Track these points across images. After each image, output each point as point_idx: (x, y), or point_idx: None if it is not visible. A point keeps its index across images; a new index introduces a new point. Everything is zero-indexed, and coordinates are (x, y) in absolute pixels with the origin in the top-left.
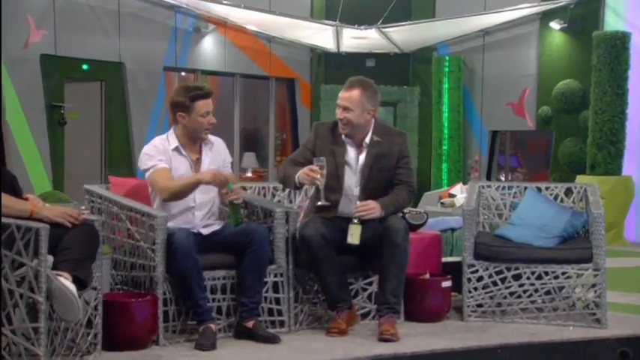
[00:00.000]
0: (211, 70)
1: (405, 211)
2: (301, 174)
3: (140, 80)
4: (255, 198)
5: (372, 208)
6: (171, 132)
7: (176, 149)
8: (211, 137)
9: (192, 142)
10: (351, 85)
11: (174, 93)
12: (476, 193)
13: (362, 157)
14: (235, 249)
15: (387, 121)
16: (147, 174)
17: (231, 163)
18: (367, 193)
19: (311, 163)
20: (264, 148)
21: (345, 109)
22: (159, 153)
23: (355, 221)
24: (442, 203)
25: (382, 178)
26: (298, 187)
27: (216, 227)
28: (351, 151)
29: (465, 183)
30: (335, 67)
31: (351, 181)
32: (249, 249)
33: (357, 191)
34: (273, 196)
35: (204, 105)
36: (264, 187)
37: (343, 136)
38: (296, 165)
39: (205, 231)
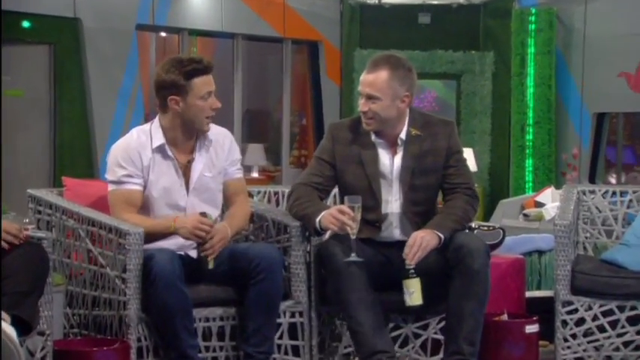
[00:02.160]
0: (202, 30)
1: (472, 225)
2: (326, 216)
3: (103, 44)
4: (264, 208)
5: (424, 241)
6: (155, 122)
7: (160, 149)
8: (212, 130)
9: (187, 137)
10: (375, 65)
11: (160, 69)
12: (573, 201)
13: (398, 159)
14: (237, 278)
15: (423, 110)
16: (109, 188)
17: (241, 163)
18: (411, 207)
19: (332, 182)
20: (275, 138)
21: (370, 97)
22: (131, 161)
23: (412, 273)
24: (525, 215)
25: (429, 184)
26: (320, 233)
27: None
28: (383, 155)
29: (557, 187)
30: (374, 24)
31: (388, 194)
32: (256, 278)
33: (396, 206)
34: None
35: (205, 83)
36: (275, 193)
37: (372, 136)
38: (313, 190)
39: (196, 253)
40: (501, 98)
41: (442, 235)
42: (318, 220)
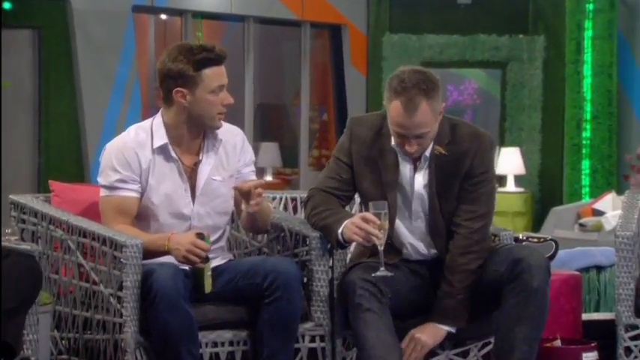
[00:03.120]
0: (209, 12)
1: (519, 237)
2: (349, 227)
3: (95, 28)
4: (279, 216)
5: (419, 344)
6: (158, 119)
7: (162, 149)
8: (223, 127)
9: (193, 135)
10: (411, 103)
11: (167, 57)
12: (638, 209)
13: (419, 178)
14: (248, 296)
15: (452, 118)
16: (100, 193)
17: (255, 165)
18: (434, 226)
19: (351, 186)
20: (292, 136)
21: (419, 136)
22: (127, 164)
23: None
24: (582, 225)
25: (450, 208)
26: (344, 245)
27: (218, 262)
28: (404, 165)
29: (619, 192)
30: (406, 5)
31: (405, 209)
32: (271, 297)
33: (419, 224)
34: None
35: (217, 75)
36: (293, 199)
37: (393, 142)
38: (330, 197)
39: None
40: (554, 90)
41: (449, 329)
42: (340, 231)
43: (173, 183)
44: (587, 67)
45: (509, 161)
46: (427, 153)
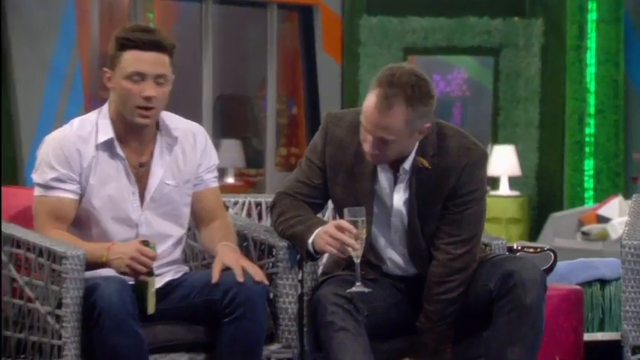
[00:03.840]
0: None
1: (513, 247)
2: (321, 236)
3: (30, 8)
4: (242, 223)
5: None
6: (104, 110)
7: (107, 145)
8: (178, 124)
9: (134, 130)
10: (386, 101)
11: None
12: None
13: (399, 191)
14: (206, 315)
15: (444, 125)
16: (35, 192)
17: (217, 169)
18: (414, 241)
19: (323, 193)
20: (257, 132)
21: (381, 140)
22: (66, 161)
23: None
24: (584, 233)
25: (432, 229)
26: (316, 257)
27: (171, 276)
28: (382, 174)
29: (627, 196)
30: None
31: (384, 221)
32: (232, 315)
33: (398, 239)
34: None
35: (137, 60)
36: (257, 204)
37: None
38: (300, 203)
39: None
40: (553, 80)
41: None
42: (311, 240)
43: (119, 184)
44: (590, 54)
45: (502, 161)
46: (408, 165)
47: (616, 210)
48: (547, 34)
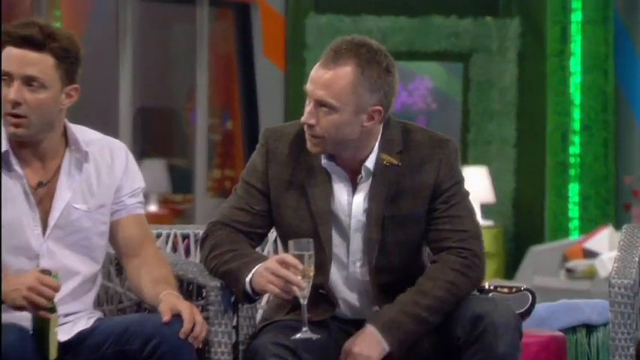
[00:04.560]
0: None
1: (485, 286)
2: (261, 273)
3: None
4: (168, 259)
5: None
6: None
7: (3, 159)
8: (92, 139)
9: (41, 144)
10: (336, 56)
11: None
12: None
13: (359, 199)
14: None
15: (408, 122)
16: None
17: (143, 194)
18: (379, 275)
19: (267, 221)
20: (184, 151)
21: (322, 104)
22: None
23: None
24: (569, 271)
25: (407, 240)
26: (254, 298)
27: (83, 325)
28: (339, 189)
29: (617, 227)
30: None
31: (343, 250)
32: None
33: (357, 272)
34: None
35: (5, 57)
36: (185, 236)
37: (323, 159)
38: (237, 234)
39: (61, 335)
40: (532, 90)
41: (387, 347)
42: (248, 279)
43: (15, 207)
44: (575, 60)
45: (473, 185)
46: (370, 163)
47: (605, 243)
48: (524, 36)
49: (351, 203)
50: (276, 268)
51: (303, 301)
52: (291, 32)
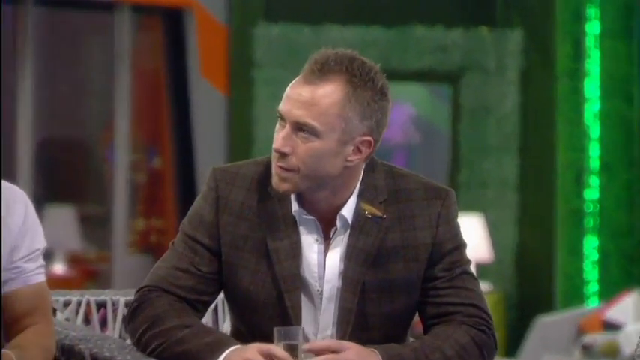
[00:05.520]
0: None
1: None
2: None
3: None
4: (77, 334)
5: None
6: None
7: None
8: None
9: None
10: (322, 70)
11: None
12: None
13: (334, 258)
14: None
15: (395, 166)
16: None
17: (41, 255)
18: None
19: (215, 286)
20: (99, 194)
21: (300, 128)
22: None
23: None
24: (585, 347)
25: (394, 313)
26: None
27: None
28: (309, 245)
29: None
30: None
31: (313, 323)
32: None
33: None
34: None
35: None
36: (101, 304)
37: (294, 204)
38: (181, 304)
39: None
40: (538, 119)
41: None
42: None
43: None
44: (591, 82)
45: (466, 238)
46: (347, 213)
47: (629, 312)
48: (528, 51)
49: (324, 264)
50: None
51: None
52: (236, 46)
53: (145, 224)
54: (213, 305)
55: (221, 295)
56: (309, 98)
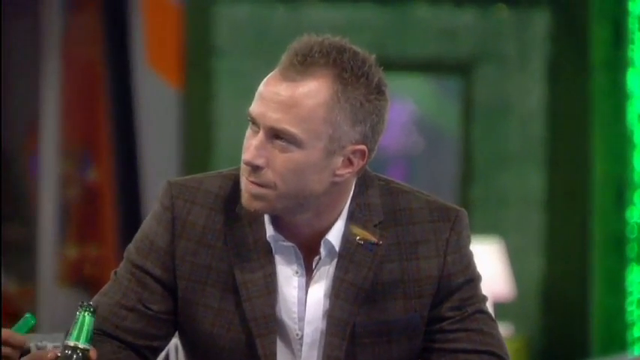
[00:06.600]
0: None
1: None
2: None
3: None
4: None
5: None
6: None
7: None
8: None
9: None
10: (305, 63)
11: None
12: None
13: (316, 294)
14: None
15: (393, 181)
16: None
17: None
18: None
19: (169, 328)
20: (20, 214)
21: (277, 135)
22: None
23: None
24: None
25: (389, 356)
26: None
27: None
28: (286, 277)
29: None
30: None
31: None
32: None
33: None
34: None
35: None
36: (23, 354)
37: (269, 227)
38: (126, 350)
39: None
40: (570, 121)
41: None
42: None
43: None
44: (634, 73)
45: (480, 268)
46: (334, 238)
47: None
48: (557, 37)
49: (304, 301)
50: None
51: None
52: (191, 29)
53: (77, 252)
54: (164, 353)
55: (175, 340)
56: (287, 98)
